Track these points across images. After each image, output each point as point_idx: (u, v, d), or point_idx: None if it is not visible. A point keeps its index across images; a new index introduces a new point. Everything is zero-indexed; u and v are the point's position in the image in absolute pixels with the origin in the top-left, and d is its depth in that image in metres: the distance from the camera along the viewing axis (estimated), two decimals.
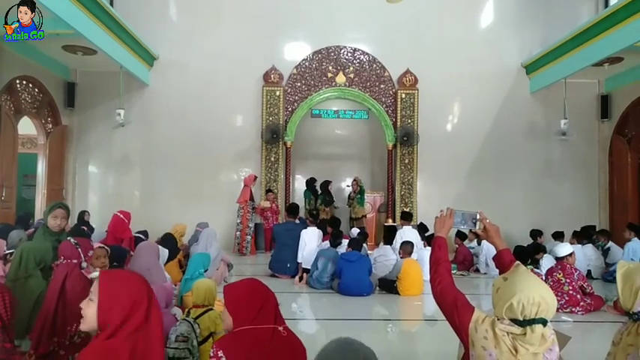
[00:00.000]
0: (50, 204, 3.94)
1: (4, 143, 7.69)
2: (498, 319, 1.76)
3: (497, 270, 2.27)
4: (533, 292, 1.69)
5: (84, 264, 3.15)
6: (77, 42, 7.82)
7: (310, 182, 9.65)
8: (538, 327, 1.68)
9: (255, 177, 9.13)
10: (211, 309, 3.01)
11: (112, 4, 9.15)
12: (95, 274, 3.03)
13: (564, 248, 5.01)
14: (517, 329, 1.70)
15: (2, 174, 7.69)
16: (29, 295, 3.27)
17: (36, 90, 8.87)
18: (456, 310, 1.89)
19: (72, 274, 3.10)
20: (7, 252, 4.52)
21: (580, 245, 6.97)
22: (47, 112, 9.27)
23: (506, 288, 1.75)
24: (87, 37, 7.27)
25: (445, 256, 2.13)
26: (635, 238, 6.78)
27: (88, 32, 7.24)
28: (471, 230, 7.96)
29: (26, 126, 9.08)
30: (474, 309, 1.87)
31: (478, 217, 2.28)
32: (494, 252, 2.30)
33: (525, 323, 1.69)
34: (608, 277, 6.49)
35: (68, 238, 3.38)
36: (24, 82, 8.52)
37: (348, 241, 6.10)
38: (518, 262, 2.04)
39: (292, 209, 7.09)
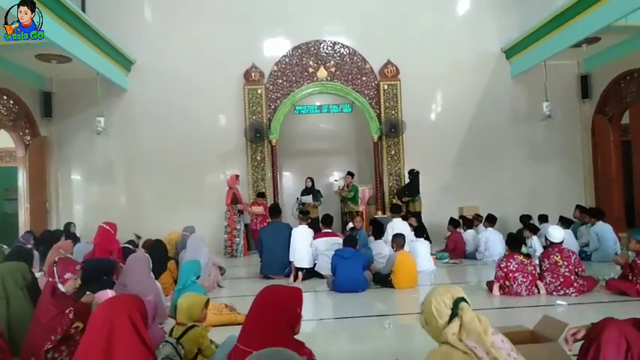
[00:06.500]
0: None
1: None
2: (452, 346, 1.76)
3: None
4: (435, 297, 1.85)
5: (60, 286, 3.01)
6: (50, 50, 7.63)
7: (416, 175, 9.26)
8: (464, 304, 1.79)
9: (237, 176, 8.95)
10: (193, 326, 2.85)
11: (83, 9, 8.93)
12: (90, 297, 2.93)
13: (559, 233, 4.98)
14: (456, 325, 1.75)
15: None
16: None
17: (11, 102, 8.65)
18: None
19: (44, 292, 3.02)
20: None
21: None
22: (24, 123, 9.05)
23: (432, 332, 1.86)
24: (60, 45, 7.10)
25: None
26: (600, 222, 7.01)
27: (60, 40, 7.07)
28: (476, 216, 8.27)
29: (4, 139, 8.86)
30: None
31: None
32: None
33: (455, 310, 1.78)
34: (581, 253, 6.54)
35: (58, 258, 3.23)
36: None
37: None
38: None
39: (275, 210, 7.04)
